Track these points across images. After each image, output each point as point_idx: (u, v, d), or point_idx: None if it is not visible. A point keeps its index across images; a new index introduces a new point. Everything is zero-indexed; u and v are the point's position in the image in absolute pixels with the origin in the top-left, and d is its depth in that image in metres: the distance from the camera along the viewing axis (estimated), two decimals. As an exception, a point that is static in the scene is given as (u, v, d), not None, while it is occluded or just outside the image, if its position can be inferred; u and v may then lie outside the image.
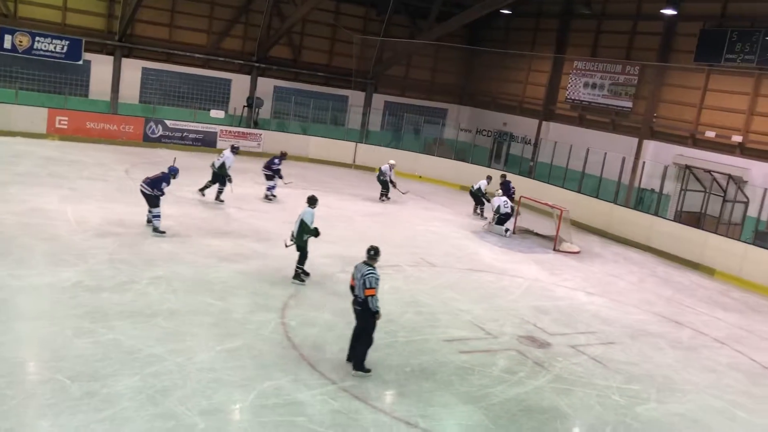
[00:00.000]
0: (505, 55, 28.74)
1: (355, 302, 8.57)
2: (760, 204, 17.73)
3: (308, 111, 27.54)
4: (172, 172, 13.67)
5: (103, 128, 23.22)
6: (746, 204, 19.37)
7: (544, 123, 27.35)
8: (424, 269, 13.73)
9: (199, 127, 24.73)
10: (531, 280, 14.15)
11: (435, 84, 31.40)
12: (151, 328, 8.92)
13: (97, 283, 10.25)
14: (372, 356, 9.05)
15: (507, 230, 17.99)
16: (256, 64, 27.34)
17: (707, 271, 17.22)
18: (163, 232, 13.30)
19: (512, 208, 18.28)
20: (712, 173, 19.83)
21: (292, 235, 11.60)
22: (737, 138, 20.42)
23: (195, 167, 21.12)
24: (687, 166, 20.64)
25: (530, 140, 27.39)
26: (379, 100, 30.13)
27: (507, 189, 20.16)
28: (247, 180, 20.35)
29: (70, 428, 6.43)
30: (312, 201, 11.91)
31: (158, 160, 21.54)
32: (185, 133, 24.38)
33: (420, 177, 24.90)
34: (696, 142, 21.78)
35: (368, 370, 8.50)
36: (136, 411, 6.88)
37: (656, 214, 19.92)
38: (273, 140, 25.60)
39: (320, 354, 8.90)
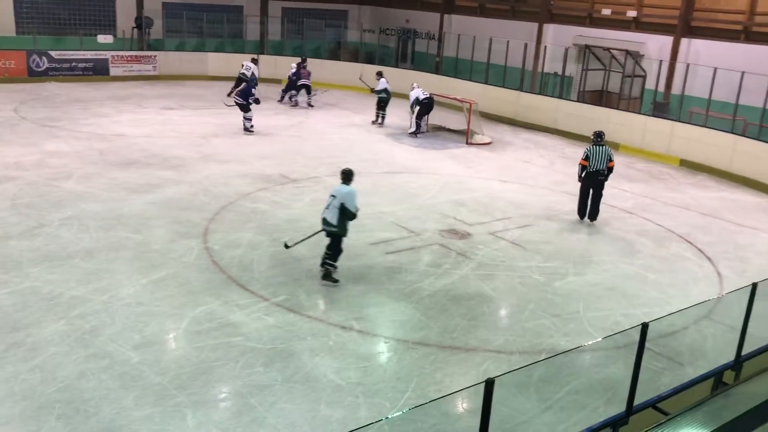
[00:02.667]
0: (399, -52, 27.93)
1: (598, 175, 11.58)
2: (657, 76, 18.42)
3: (203, 26, 26.22)
4: (254, 80, 17.58)
5: (-20, 67, 21.47)
6: (644, 78, 20.09)
7: (446, 16, 27.07)
8: (342, 177, 13.70)
9: (88, 55, 23.16)
10: (447, 176, 14.41)
11: (332, -15, 30.34)
12: (69, 271, 8.64)
13: (2, 231, 9.75)
14: (300, 267, 9.16)
15: (417, 133, 17.93)
16: (139, -21, 25.57)
17: (612, 146, 17.81)
18: (253, 131, 16.84)
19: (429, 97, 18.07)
20: (611, 51, 20.34)
21: (325, 223, 8.83)
22: (632, 13, 20.87)
23: (90, 98, 20.04)
24: (586, 46, 21.05)
25: (434, 35, 27.16)
26: (275, 7, 28.90)
27: (298, 73, 21.16)
28: (149, 105, 19.52)
29: (-1, 381, 6.28)
30: (348, 176, 8.91)
31: (47, 94, 20.26)
32: (74, 63, 22.82)
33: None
34: (593, 21, 22.15)
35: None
36: (67, 355, 6.76)
37: (561, 96, 20.42)
38: (169, 61, 24.41)
39: (248, 274, 8.90)
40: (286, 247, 9.28)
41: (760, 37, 17.97)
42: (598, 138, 11.68)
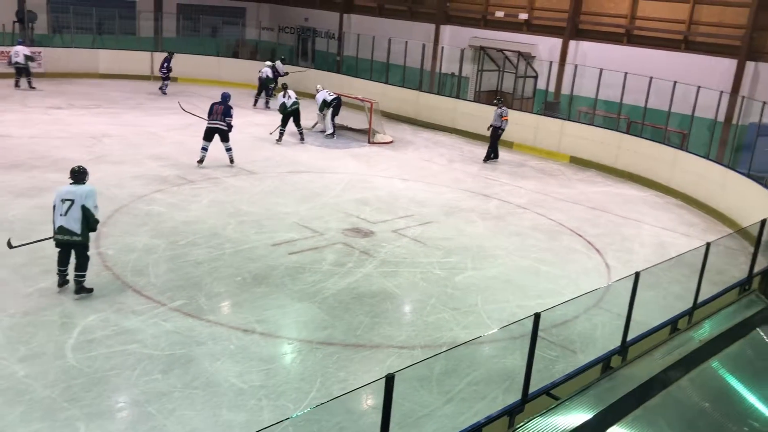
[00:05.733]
0: (297, -53, 27.74)
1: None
2: (547, 77, 19.22)
3: (92, 21, 25.02)
4: (228, 98, 13.92)
5: None
6: (535, 78, 20.92)
7: (345, 16, 27.15)
8: (244, 178, 13.51)
9: (-37, 50, 21.66)
10: (350, 175, 14.46)
11: (229, -18, 29.72)
12: (-55, 282, 8.06)
13: None
14: (199, 271, 8.93)
15: (332, 133, 17.90)
16: (20, -28, 24.12)
17: (506, 144, 18.54)
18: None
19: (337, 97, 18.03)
20: (504, 52, 21.05)
21: (64, 232, 7.83)
22: (523, 16, 21.67)
23: (-34, 97, 18.76)
24: (481, 48, 21.69)
25: (334, 34, 27.18)
26: (170, 3, 28.02)
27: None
28: (35, 104, 18.48)
29: None
30: (82, 175, 8.05)
31: None
32: (-54, 59, 21.28)
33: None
34: (487, 23, 22.82)
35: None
36: (-56, 371, 6.30)
37: (458, 96, 20.93)
38: (56, 58, 23.14)
39: (144, 278, 8.59)
40: (10, 246, 8.04)
41: (640, 40, 19.10)
42: (497, 102, 16.81)
